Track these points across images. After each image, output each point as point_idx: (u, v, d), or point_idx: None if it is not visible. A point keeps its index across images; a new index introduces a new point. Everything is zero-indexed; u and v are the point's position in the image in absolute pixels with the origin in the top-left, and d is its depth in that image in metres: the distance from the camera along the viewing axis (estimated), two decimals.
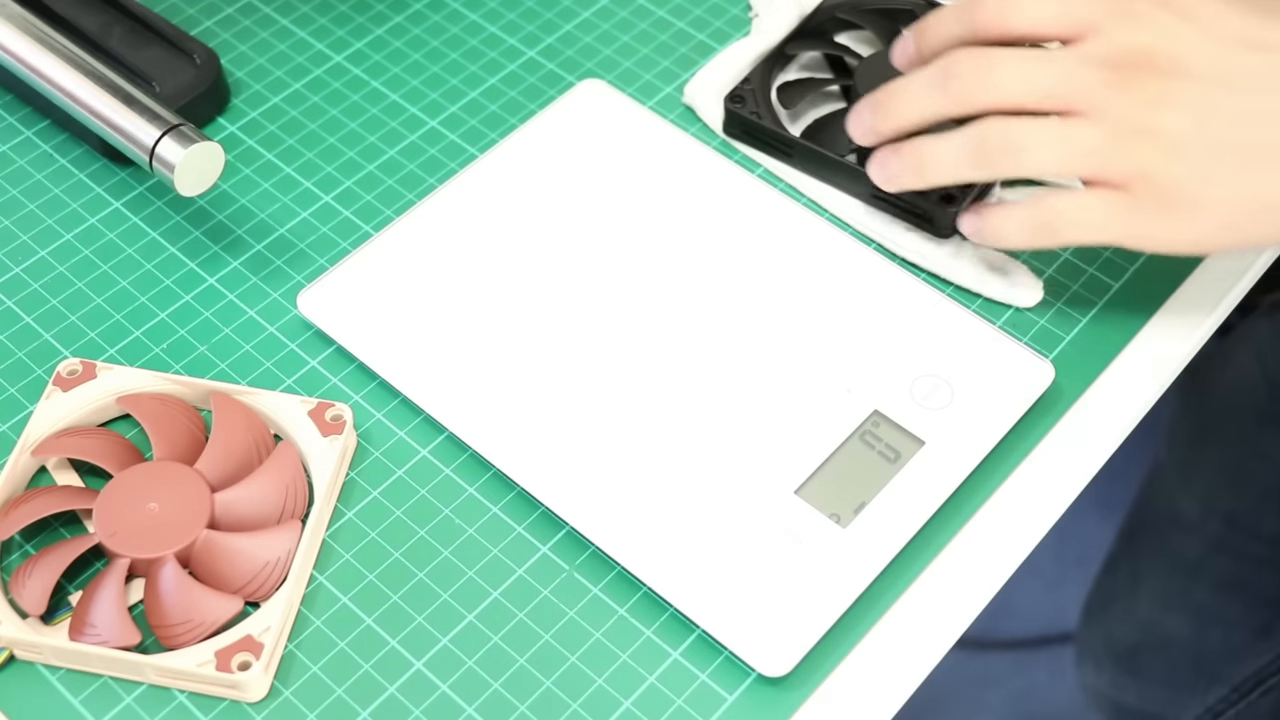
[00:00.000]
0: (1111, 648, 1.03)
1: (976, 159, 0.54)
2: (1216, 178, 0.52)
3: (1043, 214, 0.54)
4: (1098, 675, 1.06)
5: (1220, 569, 0.90)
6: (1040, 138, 0.53)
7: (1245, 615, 0.91)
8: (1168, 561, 0.94)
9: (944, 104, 0.54)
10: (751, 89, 0.63)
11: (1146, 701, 1.02)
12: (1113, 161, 0.52)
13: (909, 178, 0.56)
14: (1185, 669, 0.97)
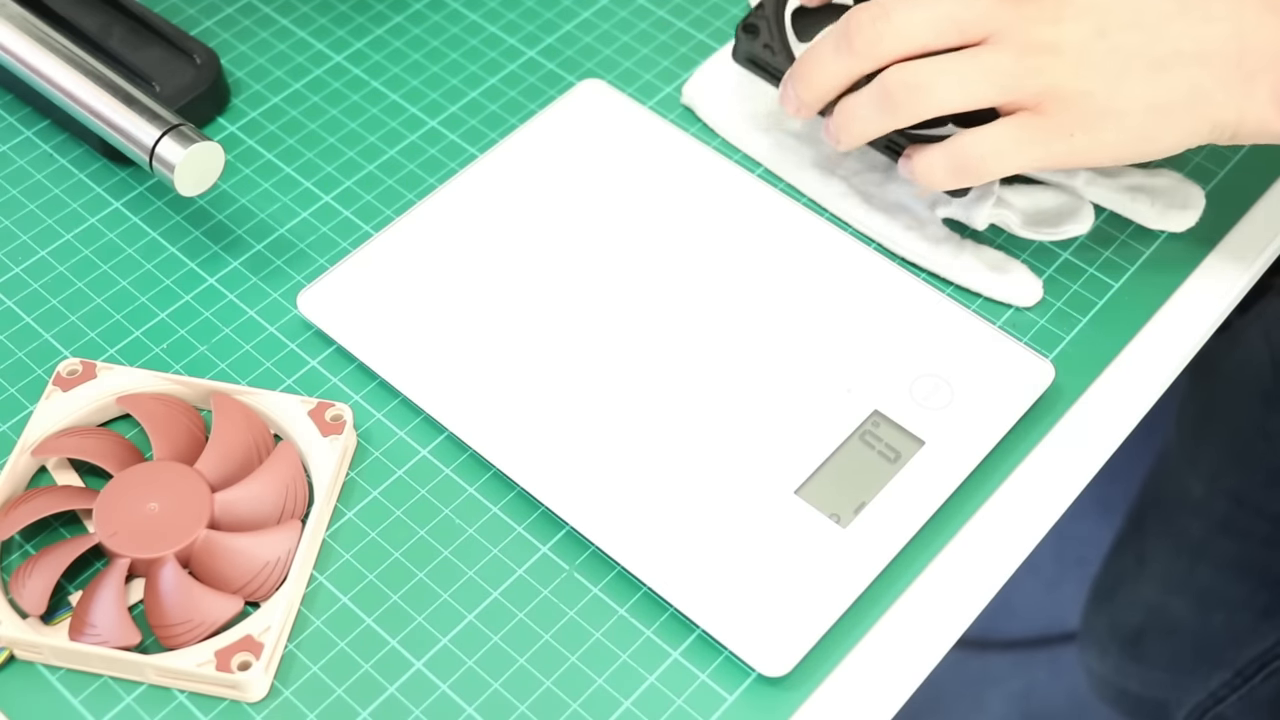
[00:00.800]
0: (1116, 633, 1.03)
1: (886, 106, 0.54)
2: (1124, 85, 0.52)
3: (959, 152, 0.54)
4: (1102, 661, 1.06)
5: (1225, 550, 0.90)
6: (942, 72, 0.53)
7: (1249, 597, 0.91)
8: (1173, 543, 0.94)
9: (853, 63, 0.55)
10: (766, 18, 0.62)
11: (1150, 687, 1.02)
12: (1020, 83, 0.53)
13: (845, 139, 0.56)
14: (1189, 653, 0.97)
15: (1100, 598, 1.06)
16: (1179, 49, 0.52)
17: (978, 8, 0.53)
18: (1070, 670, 1.33)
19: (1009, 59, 0.53)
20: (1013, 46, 0.53)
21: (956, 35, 0.53)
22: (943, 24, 0.53)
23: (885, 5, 0.54)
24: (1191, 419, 0.92)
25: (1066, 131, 0.53)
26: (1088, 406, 0.57)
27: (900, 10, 0.54)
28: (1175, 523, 0.94)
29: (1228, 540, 0.90)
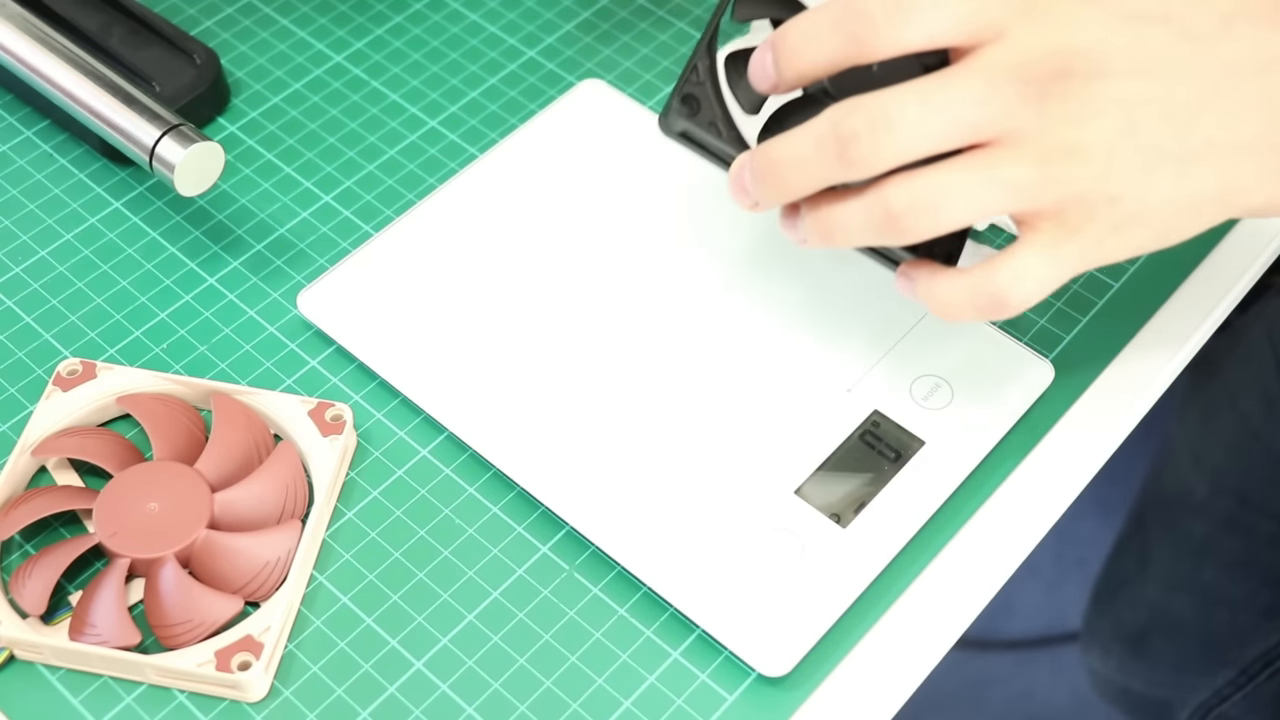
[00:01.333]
0: (1119, 632, 1.03)
1: (887, 227, 0.46)
2: (1154, 185, 0.46)
3: (988, 290, 0.47)
4: (1105, 661, 1.06)
5: (1228, 548, 0.90)
6: (955, 191, 0.45)
7: (1253, 596, 0.91)
8: (1176, 542, 0.94)
9: (840, 172, 0.46)
10: (702, 84, 0.51)
11: (1154, 686, 1.02)
12: (1043, 194, 0.46)
13: (820, 243, 0.49)
14: (1193, 652, 0.97)
15: (1103, 597, 1.06)
16: (1211, 139, 0.46)
17: (994, 108, 0.45)
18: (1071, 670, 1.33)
19: (1030, 170, 0.45)
20: (1034, 152, 0.45)
21: (969, 139, 0.45)
22: (954, 129, 0.45)
23: (886, 109, 0.45)
24: (1193, 418, 0.92)
25: (1095, 240, 0.46)
26: (1088, 406, 0.57)
27: (904, 118, 0.45)
28: (1178, 522, 0.94)
29: (1231, 539, 0.90)
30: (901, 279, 0.50)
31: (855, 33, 0.46)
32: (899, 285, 0.50)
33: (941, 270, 0.48)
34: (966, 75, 0.45)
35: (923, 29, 0.45)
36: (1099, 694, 1.10)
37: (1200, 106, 0.46)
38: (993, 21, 0.45)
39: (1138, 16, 0.46)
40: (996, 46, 0.45)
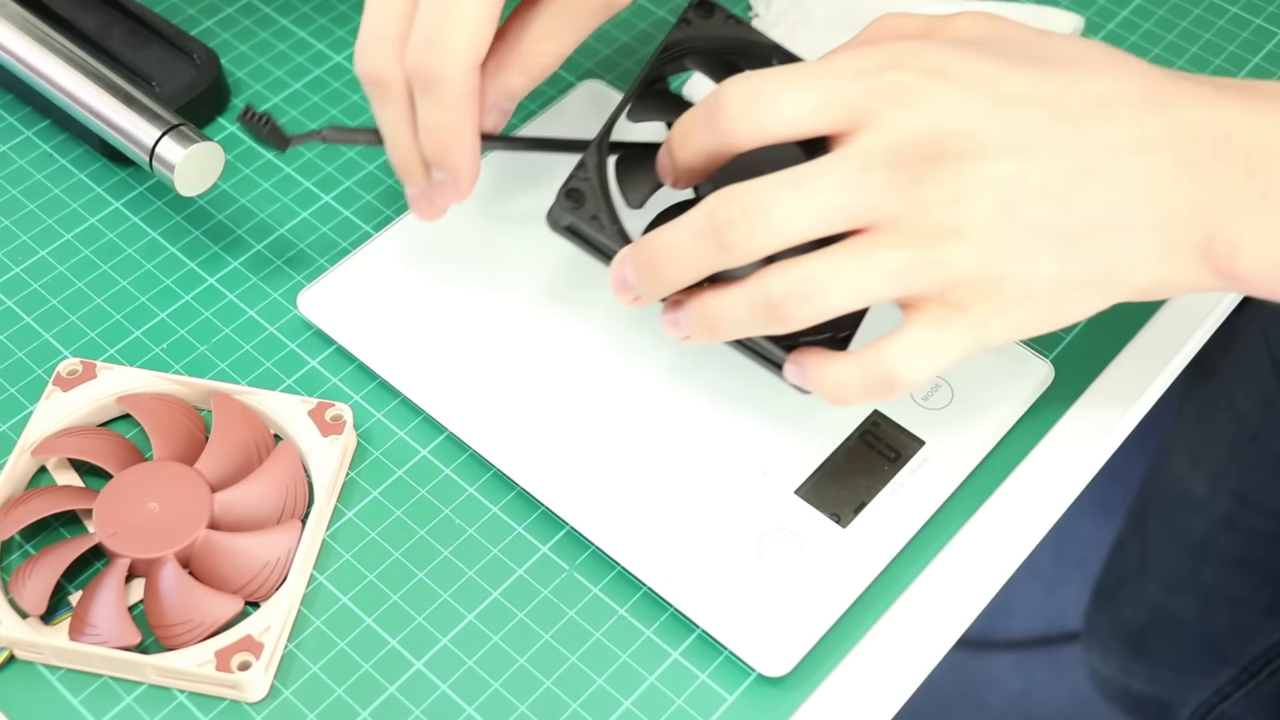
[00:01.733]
0: (1119, 632, 1.03)
1: (769, 316, 0.46)
2: (1037, 265, 0.46)
3: (876, 371, 0.47)
4: (1105, 660, 1.06)
5: (1228, 547, 0.90)
6: (834, 278, 0.45)
7: (1253, 594, 0.91)
8: (1176, 541, 0.94)
9: (719, 259, 0.46)
10: (589, 179, 0.51)
11: (1155, 685, 1.02)
12: (923, 277, 0.45)
13: (704, 337, 0.49)
14: (1194, 651, 0.97)
15: (1103, 597, 1.06)
16: (1091, 219, 0.45)
17: (868, 194, 0.45)
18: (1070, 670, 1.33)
19: (908, 253, 0.45)
20: (911, 236, 0.45)
21: (844, 224, 0.45)
22: (829, 215, 0.45)
23: (759, 197, 0.45)
24: (1191, 418, 0.92)
25: (981, 321, 0.46)
26: (1088, 406, 0.57)
27: (776, 204, 0.45)
28: (1177, 521, 0.94)
29: (1230, 538, 0.90)
30: (791, 365, 0.49)
31: (717, 125, 0.46)
32: (789, 372, 0.50)
33: (831, 355, 0.48)
34: (839, 161, 0.45)
35: (781, 116, 0.46)
36: (1100, 693, 1.10)
37: (1077, 186, 0.46)
38: (860, 107, 0.45)
39: (1010, 100, 0.46)
40: (868, 132, 0.45)
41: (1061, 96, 0.46)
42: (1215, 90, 0.47)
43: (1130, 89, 0.47)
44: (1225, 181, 0.46)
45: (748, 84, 0.46)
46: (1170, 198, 0.46)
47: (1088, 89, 0.46)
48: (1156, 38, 0.69)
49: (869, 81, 0.46)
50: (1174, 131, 0.46)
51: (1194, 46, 0.69)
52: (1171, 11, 0.70)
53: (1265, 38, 0.69)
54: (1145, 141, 0.46)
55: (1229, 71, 0.68)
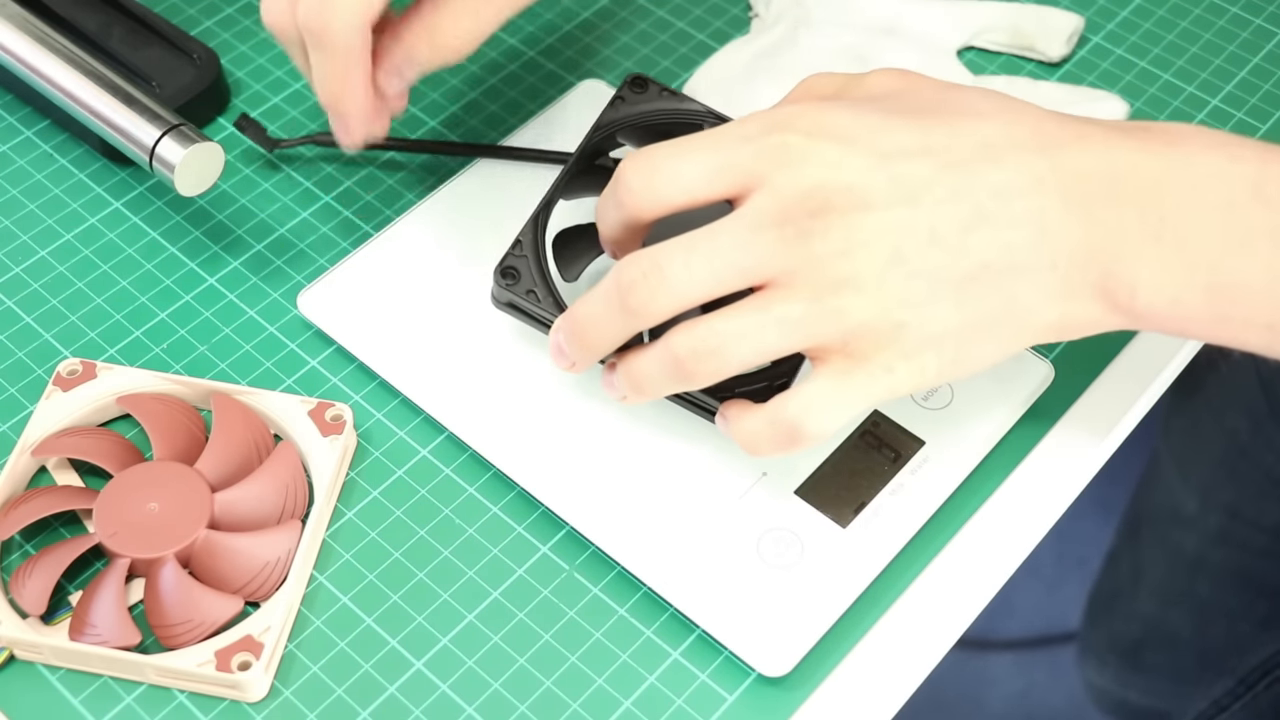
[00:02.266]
0: (1115, 644, 1.03)
1: (677, 374, 0.48)
2: (935, 310, 0.46)
3: (781, 420, 0.48)
4: (1101, 673, 1.06)
5: (1222, 562, 0.90)
6: (734, 335, 0.46)
7: (1248, 607, 0.91)
8: (1169, 555, 0.95)
9: (631, 322, 0.48)
10: (525, 257, 0.55)
11: (1151, 697, 1.02)
12: (822, 327, 0.46)
13: (635, 397, 0.50)
14: (1190, 663, 0.97)
15: (1097, 610, 1.06)
16: (985, 262, 0.46)
17: (759, 252, 0.46)
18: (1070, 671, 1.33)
19: (803, 306, 0.46)
20: (806, 290, 0.46)
21: (740, 282, 0.47)
22: (723, 274, 0.46)
23: (656, 260, 0.46)
24: (1179, 435, 0.92)
25: (886, 368, 0.47)
26: (1088, 406, 0.57)
27: (672, 266, 0.46)
28: (1170, 536, 0.94)
29: (1224, 553, 0.90)
30: (719, 420, 0.50)
31: (621, 199, 0.48)
32: (719, 425, 0.51)
33: (747, 406, 0.49)
34: (731, 222, 0.47)
35: (678, 186, 0.47)
36: (1096, 705, 1.10)
37: (968, 231, 0.46)
38: (751, 171, 0.47)
39: (895, 153, 0.47)
40: (759, 194, 0.46)
41: (949, 145, 0.47)
42: (1107, 132, 0.48)
43: (1020, 133, 0.47)
44: (1118, 221, 0.47)
45: (645, 158, 0.48)
46: (1062, 238, 0.47)
47: (976, 136, 0.47)
48: (1156, 38, 0.69)
49: (756, 145, 0.47)
50: (1063, 173, 0.47)
51: (1194, 46, 0.69)
52: (1171, 11, 0.70)
53: (1265, 38, 0.69)
54: (1034, 184, 0.47)
55: (1229, 72, 0.68)
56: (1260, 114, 0.66)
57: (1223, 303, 0.47)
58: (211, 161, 0.59)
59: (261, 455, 0.54)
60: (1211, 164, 0.47)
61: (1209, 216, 0.46)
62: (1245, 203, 0.46)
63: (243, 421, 0.55)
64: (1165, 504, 0.94)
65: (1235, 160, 0.47)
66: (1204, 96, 0.67)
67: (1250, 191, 0.46)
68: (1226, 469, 0.88)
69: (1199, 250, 0.46)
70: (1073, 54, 0.68)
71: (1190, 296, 0.47)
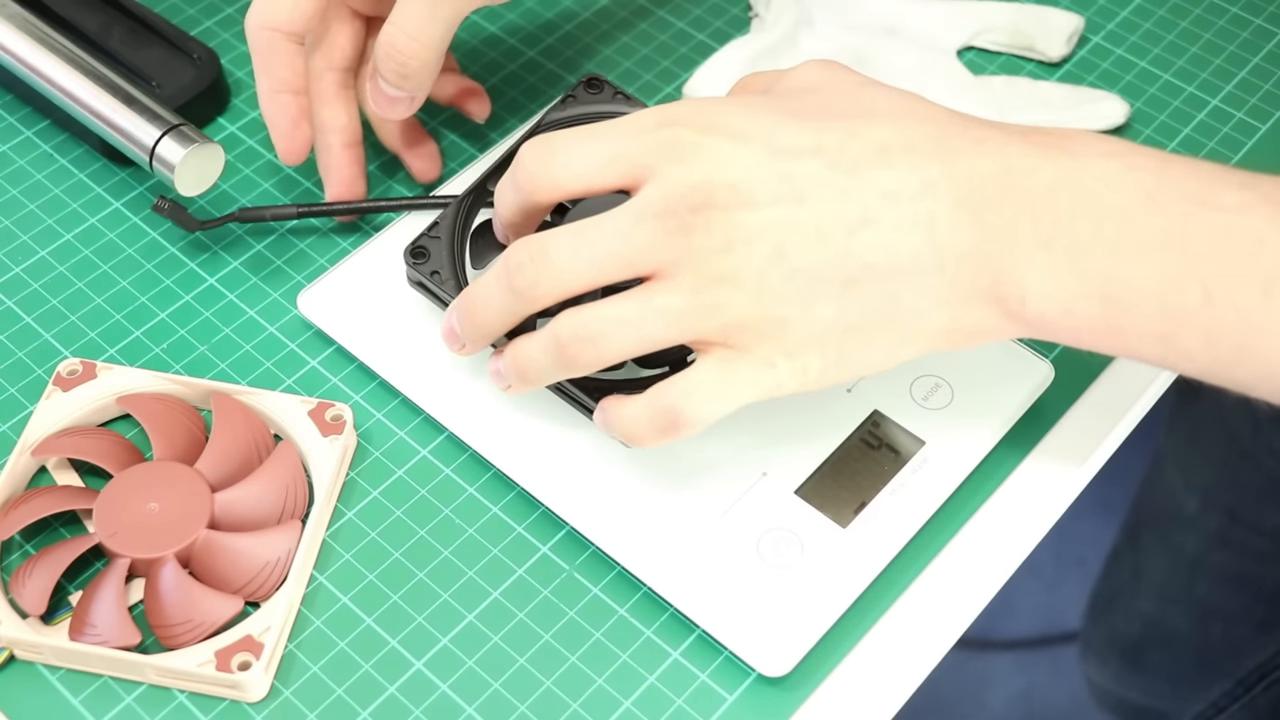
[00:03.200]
0: (1115, 643, 1.03)
1: (561, 358, 0.48)
2: (815, 309, 0.46)
3: (661, 404, 0.48)
4: (1101, 671, 1.06)
5: (1222, 564, 0.90)
6: (615, 321, 0.47)
7: (1246, 610, 0.91)
8: (1169, 556, 0.95)
9: (515, 303, 0.48)
10: (439, 237, 0.56)
11: (1150, 697, 1.02)
12: (702, 320, 0.47)
13: (519, 384, 0.50)
14: (1189, 664, 0.97)
15: (1098, 609, 1.06)
16: (868, 263, 0.46)
17: (641, 241, 0.46)
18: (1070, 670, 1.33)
19: (683, 298, 0.46)
20: (686, 283, 0.46)
21: (623, 272, 0.47)
22: (606, 262, 0.47)
23: (544, 243, 0.47)
24: (1182, 436, 0.92)
25: (767, 362, 0.47)
26: (1088, 407, 0.57)
27: (559, 250, 0.47)
28: (1171, 537, 0.94)
29: (1223, 555, 0.90)
30: (598, 414, 0.50)
31: (518, 181, 0.49)
32: (598, 421, 0.50)
33: (626, 397, 0.49)
34: (618, 213, 0.47)
35: (571, 170, 0.48)
36: (1097, 703, 1.10)
37: (853, 232, 0.46)
38: (642, 162, 0.47)
39: (787, 151, 0.47)
40: (648, 186, 0.47)
41: (843, 145, 0.47)
42: (1006, 137, 0.47)
43: (916, 137, 0.47)
44: (1009, 226, 0.46)
45: (544, 143, 0.48)
46: (952, 242, 0.46)
47: (872, 137, 0.47)
48: (1156, 38, 0.69)
49: (650, 138, 0.47)
50: (955, 178, 0.46)
51: (1194, 46, 0.69)
52: (1171, 11, 0.70)
53: (1265, 38, 0.69)
54: (925, 188, 0.46)
55: (1229, 72, 0.68)
56: (1260, 114, 0.66)
57: (1116, 312, 0.46)
58: (211, 161, 0.59)
59: (261, 455, 0.54)
60: (1107, 172, 0.46)
61: (1102, 224, 0.46)
62: (1139, 211, 0.46)
63: (243, 421, 0.55)
64: (1166, 505, 0.94)
65: (1131, 169, 0.46)
66: (1204, 96, 0.67)
67: (1144, 200, 0.46)
68: (1228, 472, 0.88)
69: (1091, 258, 0.46)
70: (1073, 54, 0.68)
71: (1083, 305, 0.46)
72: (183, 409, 0.56)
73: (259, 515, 0.53)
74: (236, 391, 0.56)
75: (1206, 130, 0.66)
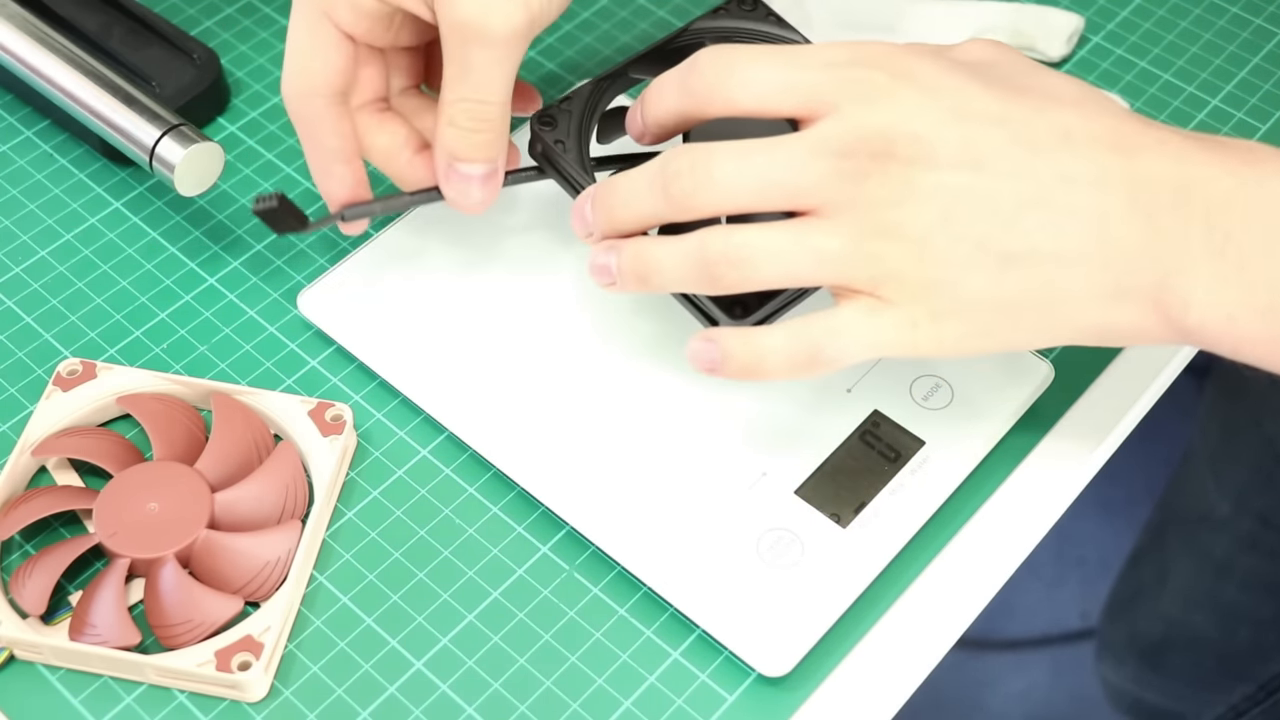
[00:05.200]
0: (1135, 644, 1.03)
1: (701, 273, 0.47)
2: (971, 278, 0.46)
3: (806, 340, 0.47)
4: (1119, 671, 1.06)
5: (1251, 568, 0.90)
6: (769, 248, 0.46)
7: (1275, 615, 0.90)
8: (1197, 559, 0.94)
9: (664, 208, 0.47)
10: (570, 112, 0.54)
11: (1169, 698, 1.02)
12: (855, 268, 0.46)
13: (633, 284, 0.49)
14: (1211, 667, 0.97)
15: (1118, 608, 1.05)
16: (1034, 245, 0.46)
17: (812, 176, 0.46)
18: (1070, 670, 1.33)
19: (842, 242, 0.46)
20: (849, 228, 0.46)
21: (785, 202, 0.46)
22: (770, 189, 0.46)
23: (710, 153, 0.46)
24: (1214, 435, 0.91)
25: (911, 321, 0.46)
26: (1088, 406, 0.57)
27: (723, 163, 0.46)
28: (1198, 539, 0.93)
29: (1253, 559, 0.89)
30: (702, 342, 0.49)
31: (691, 87, 0.48)
32: (695, 349, 0.49)
33: (753, 328, 0.48)
34: (792, 142, 0.46)
35: (750, 89, 0.47)
36: (1111, 704, 1.10)
37: (1025, 209, 0.46)
38: (825, 96, 0.46)
39: (974, 115, 0.46)
40: (827, 121, 0.46)
41: (1027, 121, 0.46)
42: (1185, 141, 0.47)
43: (1099, 129, 0.47)
44: (1181, 232, 0.46)
45: (726, 55, 0.48)
46: (1120, 238, 0.46)
47: (1056, 120, 0.47)
48: (1157, 38, 0.69)
49: (838, 73, 0.47)
50: (1133, 176, 0.46)
51: (1194, 46, 0.69)
52: (1171, 11, 0.70)
53: (1265, 38, 0.69)
54: (1102, 179, 0.46)
55: (1229, 72, 0.68)
56: (1260, 114, 0.66)
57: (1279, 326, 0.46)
58: (211, 161, 0.59)
59: (261, 455, 0.54)
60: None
61: (1275, 238, 0.45)
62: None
63: (243, 421, 0.55)
64: (1196, 506, 0.93)
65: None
66: (1204, 96, 0.67)
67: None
68: (1262, 475, 0.87)
69: (1260, 271, 0.45)
70: (1073, 54, 0.68)
71: (1246, 316, 0.46)
72: (183, 409, 0.56)
73: (259, 515, 0.53)
74: (236, 391, 0.56)
75: (1206, 130, 0.65)
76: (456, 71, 0.50)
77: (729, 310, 0.50)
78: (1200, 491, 0.93)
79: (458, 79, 0.50)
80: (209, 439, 0.54)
